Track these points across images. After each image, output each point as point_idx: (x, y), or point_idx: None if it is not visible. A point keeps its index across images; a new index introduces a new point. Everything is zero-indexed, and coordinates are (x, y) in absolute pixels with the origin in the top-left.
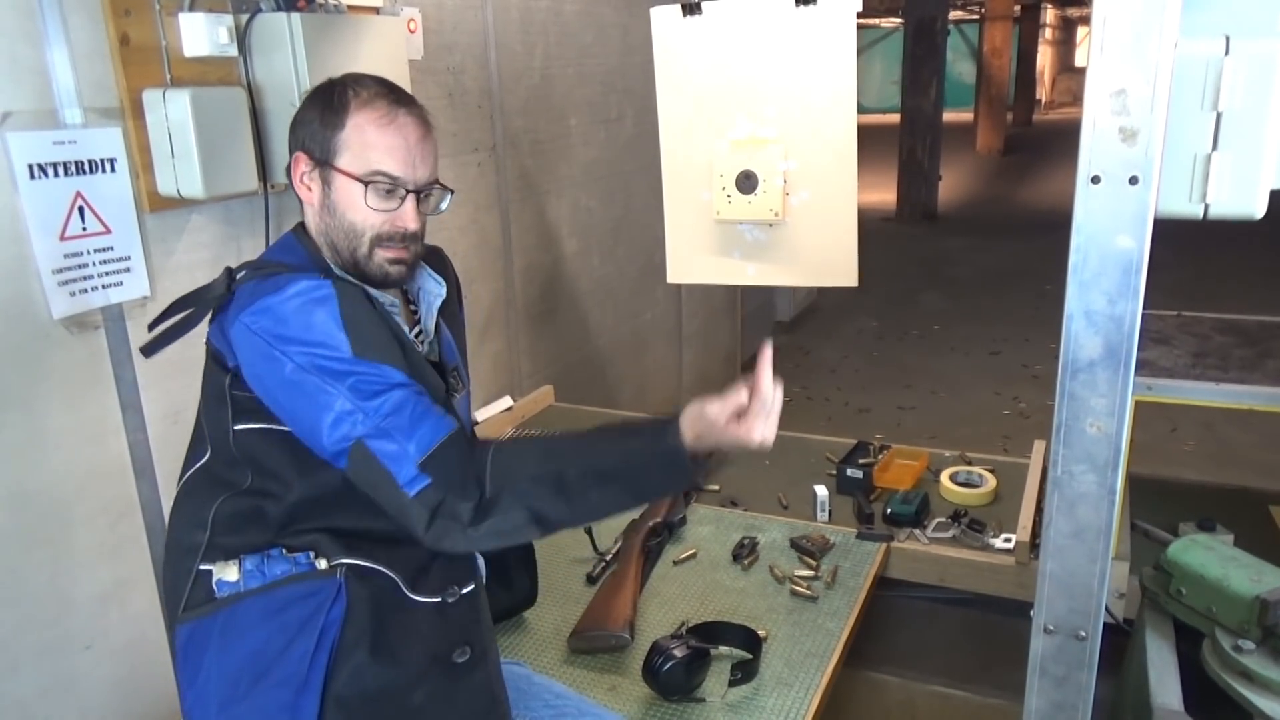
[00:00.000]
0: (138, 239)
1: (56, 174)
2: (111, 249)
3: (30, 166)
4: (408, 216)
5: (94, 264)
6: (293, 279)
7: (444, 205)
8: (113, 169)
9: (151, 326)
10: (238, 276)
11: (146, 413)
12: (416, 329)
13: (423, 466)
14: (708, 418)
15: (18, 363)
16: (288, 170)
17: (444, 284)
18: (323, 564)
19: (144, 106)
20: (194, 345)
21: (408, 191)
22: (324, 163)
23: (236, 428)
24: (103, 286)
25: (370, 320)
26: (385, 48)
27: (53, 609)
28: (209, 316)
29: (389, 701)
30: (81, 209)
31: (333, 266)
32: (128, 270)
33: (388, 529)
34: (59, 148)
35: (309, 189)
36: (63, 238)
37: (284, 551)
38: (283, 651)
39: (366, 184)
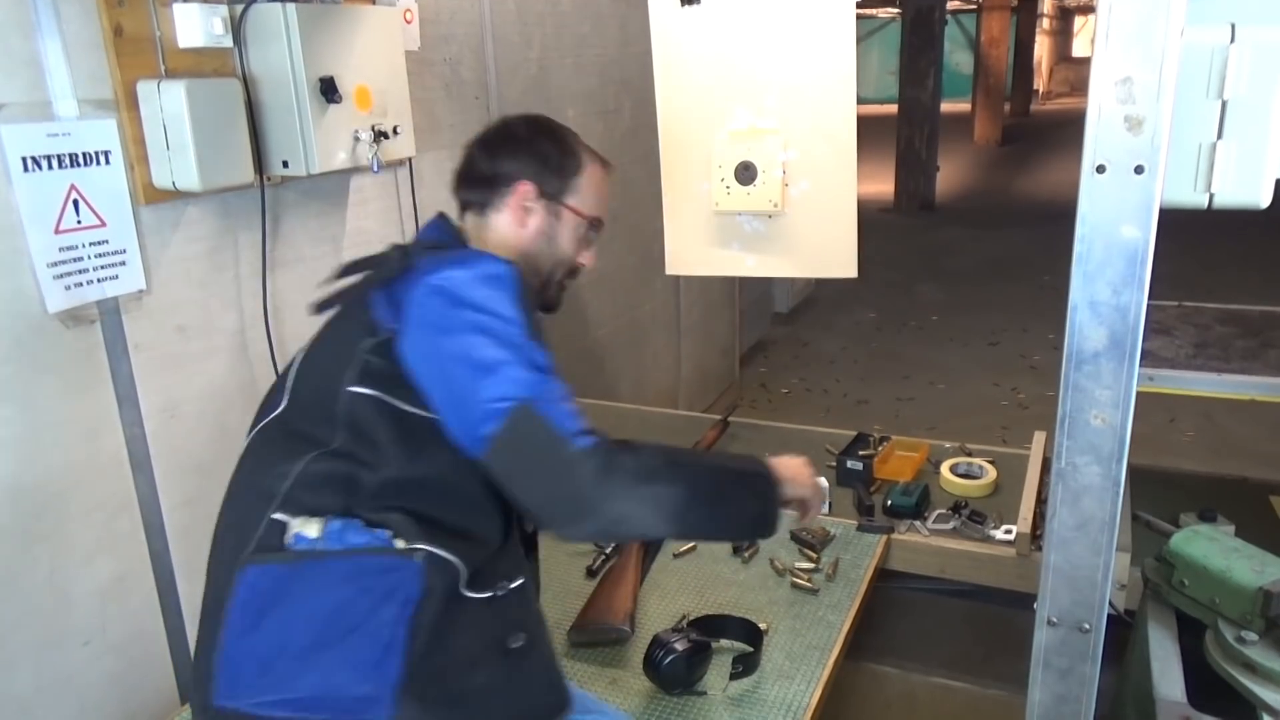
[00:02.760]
0: (133, 232)
1: (50, 166)
2: (106, 242)
3: (24, 159)
4: (593, 256)
5: (89, 257)
6: (480, 255)
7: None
8: (107, 161)
9: (335, 277)
10: (414, 252)
11: (143, 407)
12: None
13: (589, 430)
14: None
15: (13, 357)
16: (496, 190)
17: None
18: (400, 544)
19: (138, 98)
20: (190, 339)
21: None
22: (555, 198)
23: (350, 389)
24: (98, 280)
25: (533, 313)
26: (381, 38)
27: (50, 604)
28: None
29: (453, 682)
30: (76, 202)
31: None
32: (123, 263)
33: (460, 523)
34: (53, 140)
35: (526, 214)
36: (57, 231)
37: (362, 524)
38: (370, 612)
39: (590, 225)
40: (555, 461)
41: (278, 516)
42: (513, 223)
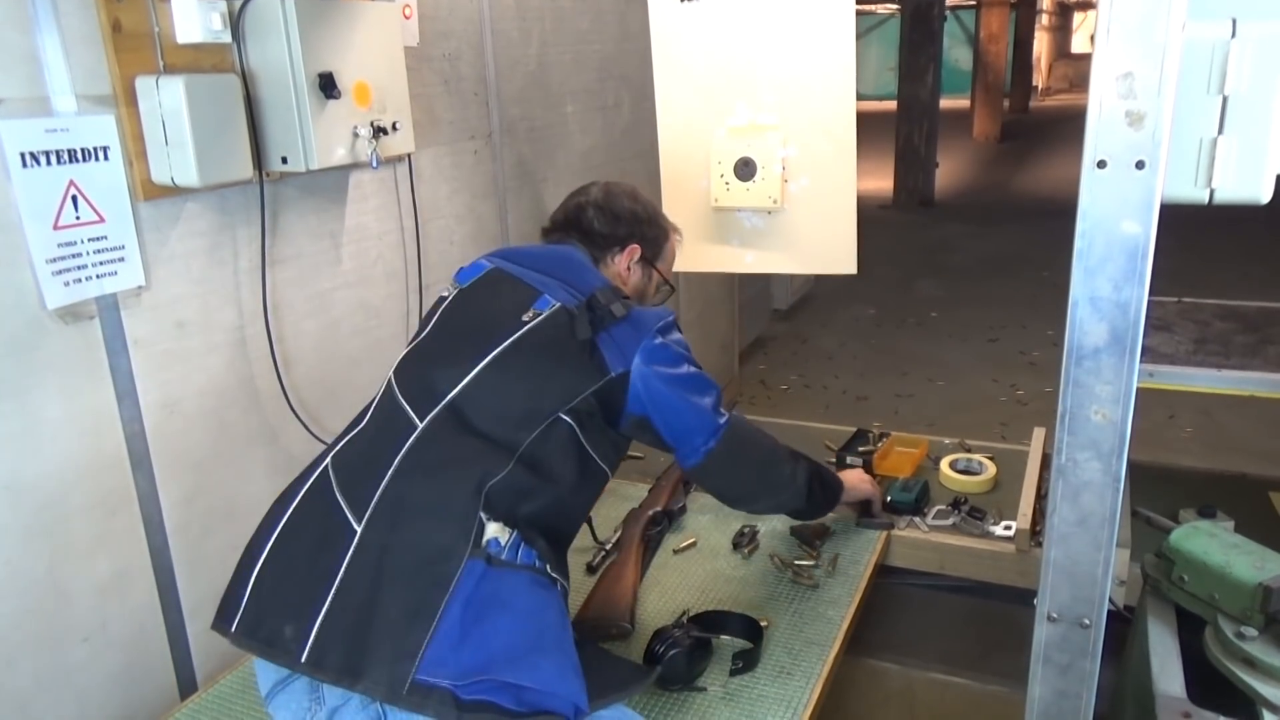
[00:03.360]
0: (132, 228)
1: (49, 162)
2: (105, 238)
3: (22, 155)
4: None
5: (88, 253)
6: (663, 310)
7: None
8: (106, 157)
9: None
10: (609, 301)
11: (142, 403)
12: None
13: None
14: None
15: (12, 353)
16: (613, 242)
17: None
18: (548, 568)
19: (137, 94)
20: (189, 335)
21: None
22: (651, 261)
23: (563, 416)
24: (97, 276)
25: None
26: (380, 34)
27: (50, 601)
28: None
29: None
30: (75, 198)
31: None
32: (122, 260)
33: (567, 543)
34: (51, 135)
35: (629, 272)
36: (56, 227)
37: (524, 541)
38: (562, 626)
39: (661, 287)
40: (765, 460)
41: (482, 515)
42: (622, 272)
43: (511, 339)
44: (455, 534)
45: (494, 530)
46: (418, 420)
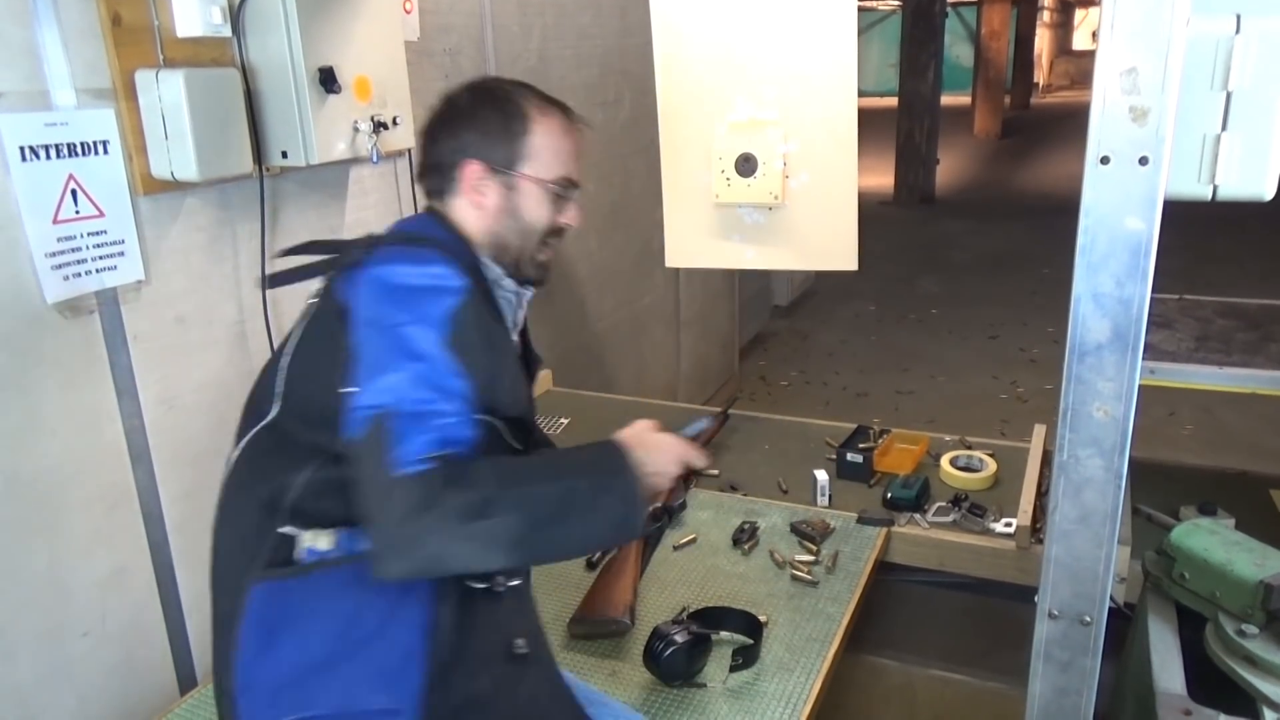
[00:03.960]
0: (131, 222)
1: (48, 156)
2: (105, 232)
3: (22, 149)
4: (574, 214)
5: (87, 247)
6: (437, 259)
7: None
8: (105, 151)
9: (283, 254)
10: (384, 241)
11: (142, 398)
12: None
13: (428, 457)
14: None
15: (11, 348)
16: (437, 177)
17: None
18: None
19: (137, 88)
20: (189, 330)
21: (576, 192)
22: (507, 169)
23: (344, 389)
24: (96, 270)
25: (477, 336)
26: (381, 28)
27: (50, 596)
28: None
29: (469, 688)
30: (74, 192)
31: (484, 260)
32: (122, 254)
33: None
34: (51, 129)
35: (483, 195)
36: (55, 221)
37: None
38: (388, 617)
39: (555, 186)
40: (376, 486)
41: (286, 530)
42: (470, 206)
43: (300, 331)
44: (244, 564)
45: (309, 539)
46: (235, 443)
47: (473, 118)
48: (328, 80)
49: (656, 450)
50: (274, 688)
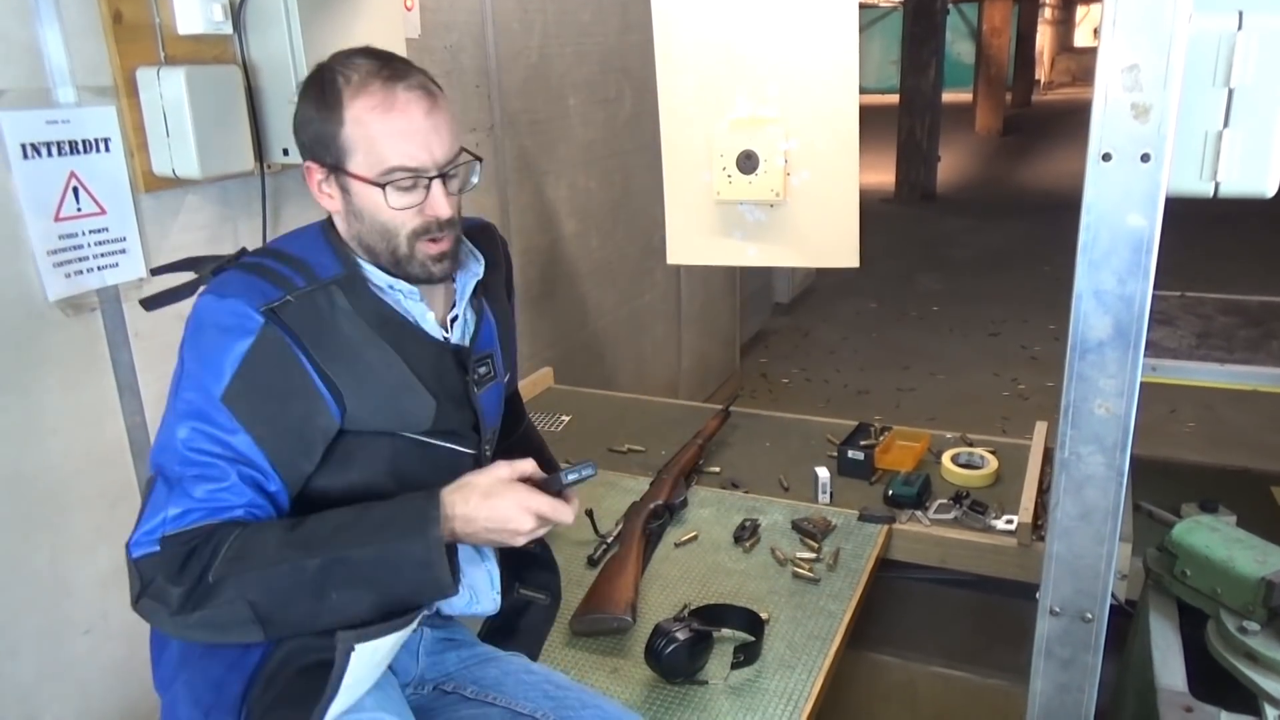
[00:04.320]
0: (133, 219)
1: (50, 154)
2: (107, 230)
3: (23, 146)
4: (438, 205)
5: (89, 245)
6: (239, 292)
7: (474, 179)
8: (107, 149)
9: (155, 272)
10: (241, 259)
11: (144, 396)
12: (452, 312)
13: (165, 538)
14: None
15: (13, 345)
16: (305, 177)
17: (482, 262)
18: None
19: (138, 85)
20: None
21: (431, 178)
22: (336, 169)
23: None
24: (98, 268)
25: (275, 379)
26: (381, 25)
27: (52, 593)
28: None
29: (315, 674)
30: (76, 189)
31: (363, 263)
32: (123, 251)
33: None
34: (52, 127)
35: (330, 197)
36: (57, 218)
37: None
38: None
39: (384, 185)
40: (128, 563)
41: None
42: (332, 210)
43: None
44: None
45: None
46: None
47: (301, 113)
48: None
49: (501, 501)
50: (161, 693)
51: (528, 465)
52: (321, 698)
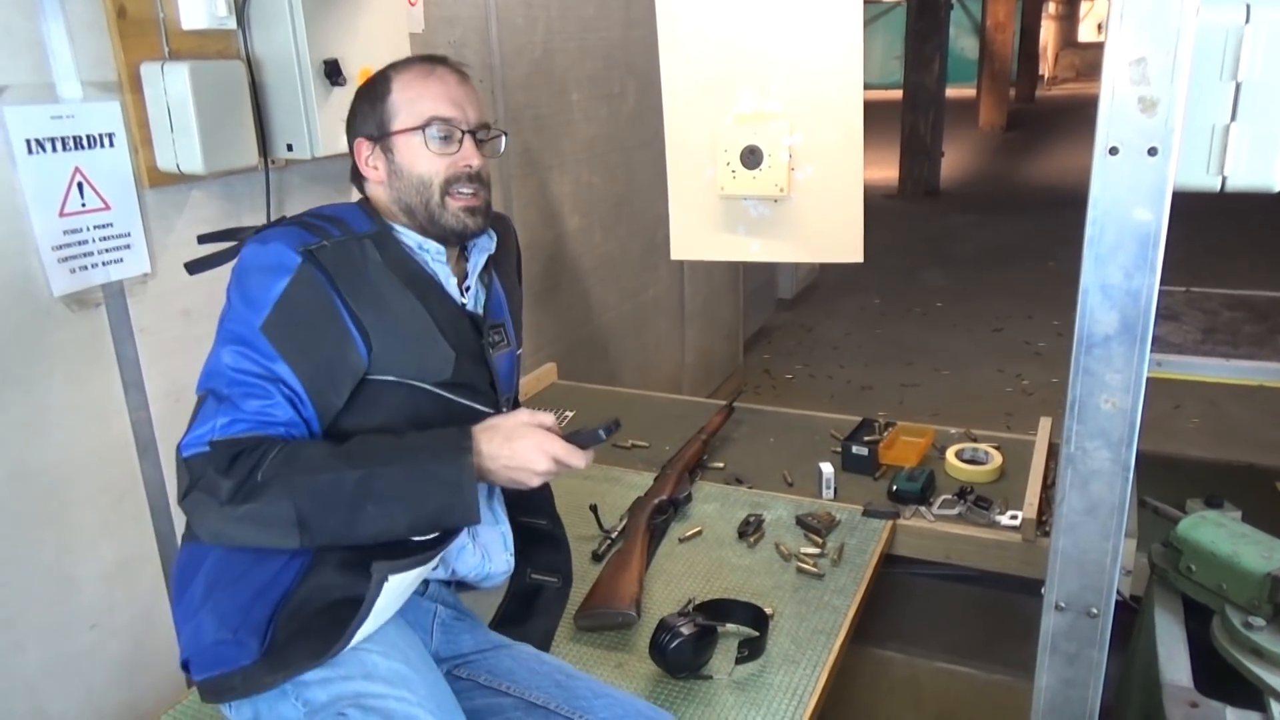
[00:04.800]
0: (137, 215)
1: (55, 149)
2: (111, 225)
3: (28, 141)
4: (469, 153)
5: (94, 240)
6: (280, 237)
7: (501, 147)
8: (111, 144)
9: (202, 240)
10: (284, 221)
11: (149, 391)
12: (465, 282)
13: (215, 441)
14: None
15: (18, 340)
16: (353, 167)
17: (495, 239)
18: None
19: (142, 80)
20: (196, 323)
21: (464, 132)
22: (382, 136)
23: None
24: (103, 263)
25: (312, 314)
26: (385, 20)
27: (57, 588)
28: None
29: (339, 609)
30: (80, 185)
31: (397, 229)
32: (128, 247)
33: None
34: (56, 122)
35: (375, 168)
36: (62, 214)
37: None
38: (255, 562)
39: (425, 129)
40: (175, 465)
41: None
42: (374, 184)
43: None
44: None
45: None
46: None
47: (354, 109)
48: (332, 73)
49: (521, 443)
50: (182, 625)
51: (547, 418)
52: (350, 623)
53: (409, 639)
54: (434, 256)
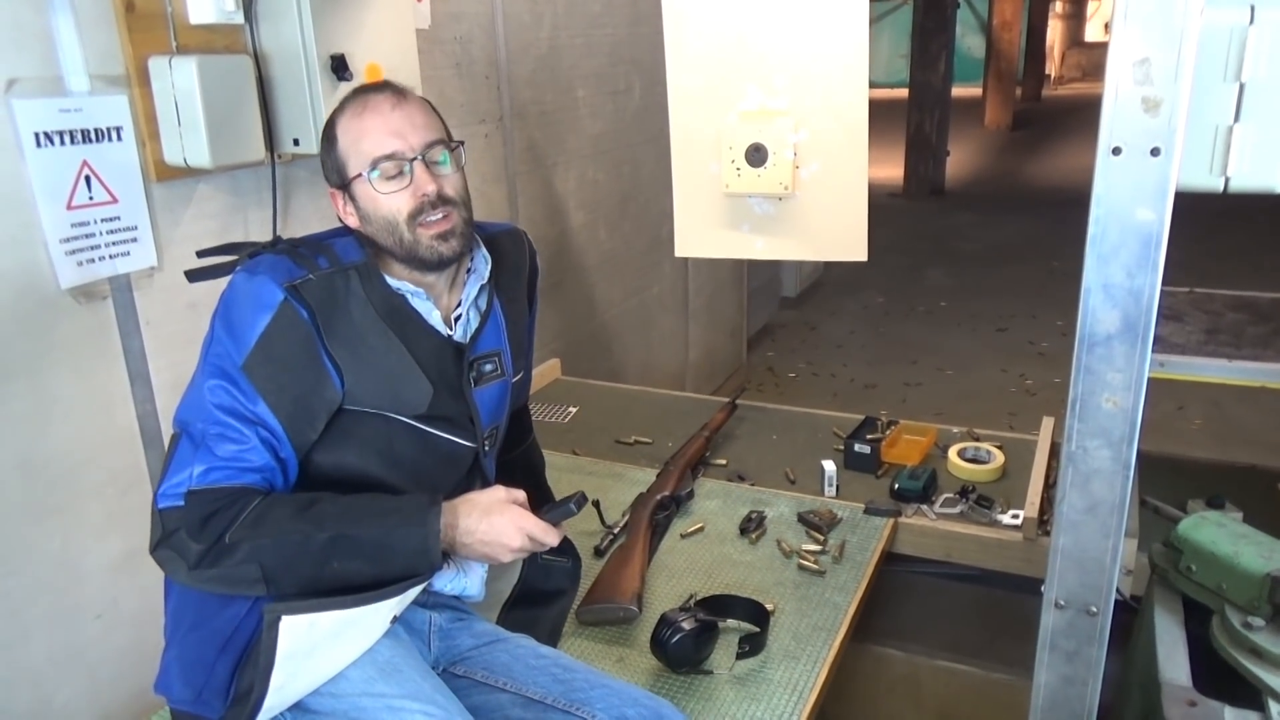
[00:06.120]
0: (145, 209)
1: (63, 142)
2: (118, 218)
3: (36, 135)
4: (422, 181)
5: (101, 233)
6: (267, 270)
7: (463, 158)
8: (119, 138)
9: (200, 255)
10: (276, 245)
11: (155, 383)
12: (456, 310)
13: (190, 492)
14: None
15: (25, 332)
16: (339, 218)
17: (489, 264)
18: None
19: (150, 74)
20: (201, 316)
21: (410, 160)
22: (343, 185)
23: None
24: (110, 256)
25: (290, 352)
26: (392, 15)
27: (63, 578)
28: None
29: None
30: (88, 178)
31: (384, 275)
32: (135, 240)
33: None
34: (65, 115)
35: (350, 215)
36: (69, 207)
37: None
38: (217, 611)
39: (370, 173)
40: (152, 512)
41: None
42: (356, 226)
43: None
44: None
45: None
46: None
47: (320, 159)
48: (339, 67)
49: (499, 519)
50: (166, 643)
51: (521, 495)
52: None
53: (405, 652)
54: (411, 295)
